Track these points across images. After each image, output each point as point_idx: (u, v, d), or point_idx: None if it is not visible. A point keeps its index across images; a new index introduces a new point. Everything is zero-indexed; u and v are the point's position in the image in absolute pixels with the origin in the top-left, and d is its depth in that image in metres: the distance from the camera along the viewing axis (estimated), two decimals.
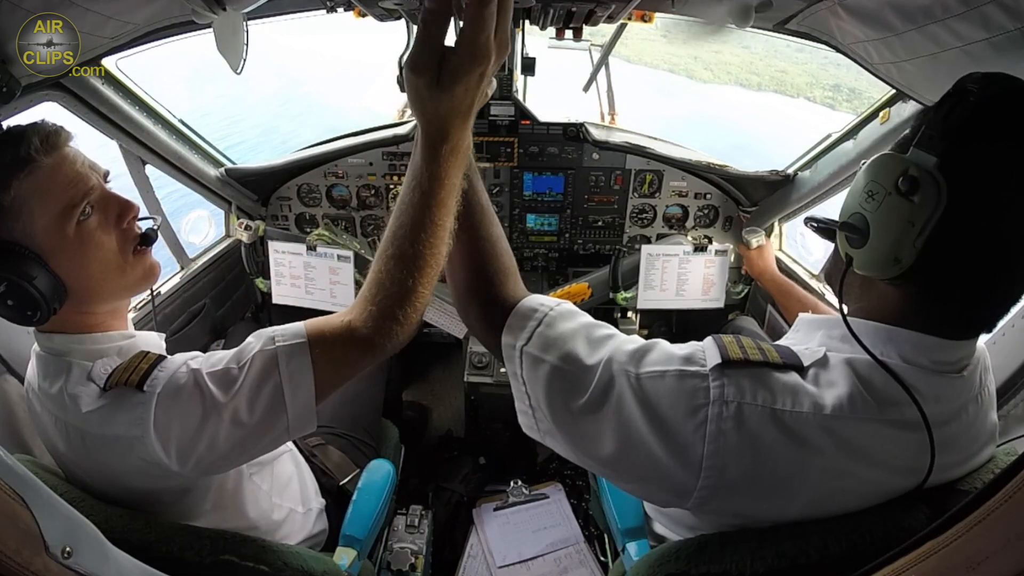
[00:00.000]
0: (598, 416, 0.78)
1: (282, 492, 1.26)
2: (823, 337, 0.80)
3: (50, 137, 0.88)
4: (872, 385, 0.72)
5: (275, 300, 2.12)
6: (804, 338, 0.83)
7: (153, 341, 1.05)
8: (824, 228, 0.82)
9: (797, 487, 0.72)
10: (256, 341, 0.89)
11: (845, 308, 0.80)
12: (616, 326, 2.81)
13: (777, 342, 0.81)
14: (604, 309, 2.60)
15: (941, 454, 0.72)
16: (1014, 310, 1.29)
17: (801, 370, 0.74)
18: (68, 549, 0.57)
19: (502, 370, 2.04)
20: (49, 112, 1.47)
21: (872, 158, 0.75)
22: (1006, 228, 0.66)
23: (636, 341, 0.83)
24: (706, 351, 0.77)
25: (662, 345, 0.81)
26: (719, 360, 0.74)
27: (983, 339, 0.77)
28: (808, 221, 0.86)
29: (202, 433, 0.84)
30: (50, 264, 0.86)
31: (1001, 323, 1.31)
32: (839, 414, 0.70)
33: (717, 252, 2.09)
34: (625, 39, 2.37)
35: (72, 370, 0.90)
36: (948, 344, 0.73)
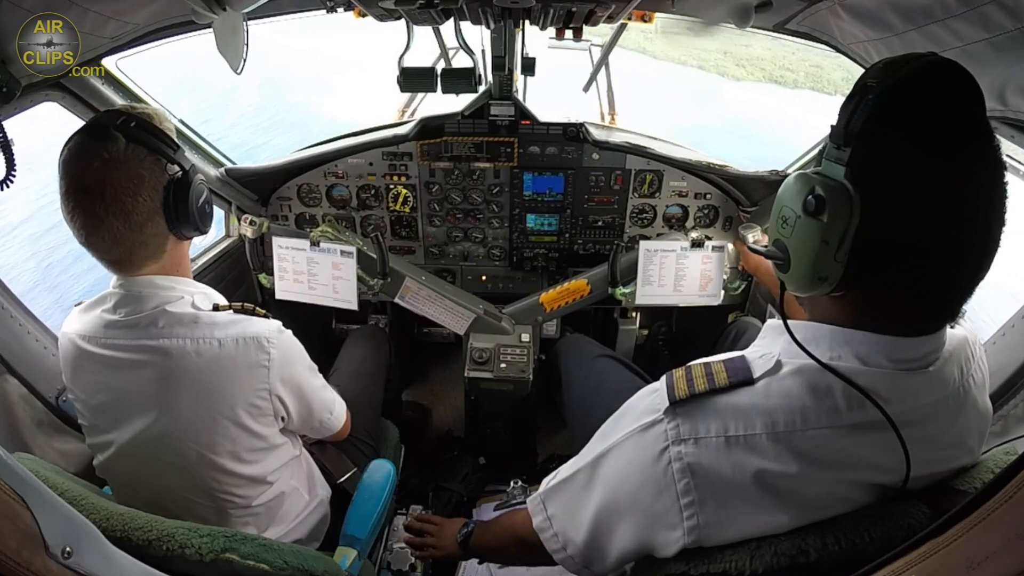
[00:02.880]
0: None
1: (297, 474, 1.34)
2: (785, 343, 0.77)
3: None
4: (827, 391, 0.70)
5: (278, 295, 2.12)
6: (769, 344, 0.82)
7: (220, 299, 1.23)
8: (759, 254, 0.82)
9: (776, 505, 0.72)
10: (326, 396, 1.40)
11: (788, 321, 0.78)
12: (616, 327, 2.79)
13: (737, 352, 0.81)
14: (604, 310, 2.60)
15: (925, 449, 0.71)
16: (1013, 311, 1.30)
17: (751, 383, 0.74)
18: (68, 549, 0.57)
19: (502, 365, 2.04)
20: (49, 112, 1.48)
21: (785, 180, 0.74)
22: (932, 221, 0.63)
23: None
24: (659, 392, 0.80)
25: (623, 412, 0.88)
26: (667, 403, 0.76)
27: (984, 338, 0.76)
28: (747, 248, 0.86)
29: (305, 375, 1.25)
30: None
31: (1001, 323, 1.32)
32: (792, 429, 0.70)
33: (714, 248, 2.09)
34: (649, 36, 2.36)
35: (175, 302, 1.10)
36: (906, 342, 0.71)
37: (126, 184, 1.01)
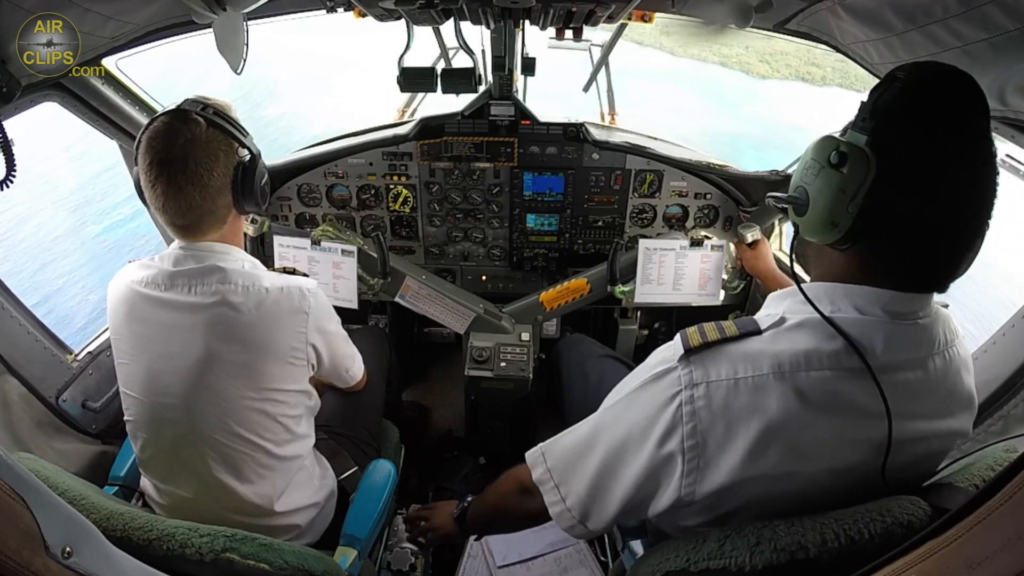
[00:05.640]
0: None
1: (312, 453, 1.44)
2: (788, 304, 0.88)
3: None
4: (829, 337, 0.79)
5: None
6: (773, 308, 0.91)
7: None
8: (780, 200, 0.91)
9: (769, 442, 0.77)
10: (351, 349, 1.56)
11: (804, 274, 0.87)
12: (616, 327, 2.79)
13: (743, 317, 0.90)
14: (604, 309, 2.60)
15: (904, 400, 0.78)
16: (1013, 310, 1.30)
17: (759, 333, 0.83)
18: (68, 549, 0.57)
19: (502, 364, 2.04)
20: (49, 112, 1.48)
21: (814, 141, 0.84)
22: (933, 194, 0.74)
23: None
24: (674, 346, 0.87)
25: (634, 373, 0.94)
26: (683, 351, 0.83)
27: (983, 339, 0.77)
28: (768, 197, 0.95)
29: (335, 326, 1.41)
30: None
31: (1001, 323, 1.32)
32: (796, 369, 0.78)
33: (713, 247, 2.09)
34: (667, 30, 2.35)
35: (231, 262, 1.24)
36: (899, 295, 0.79)
37: (205, 160, 1.16)
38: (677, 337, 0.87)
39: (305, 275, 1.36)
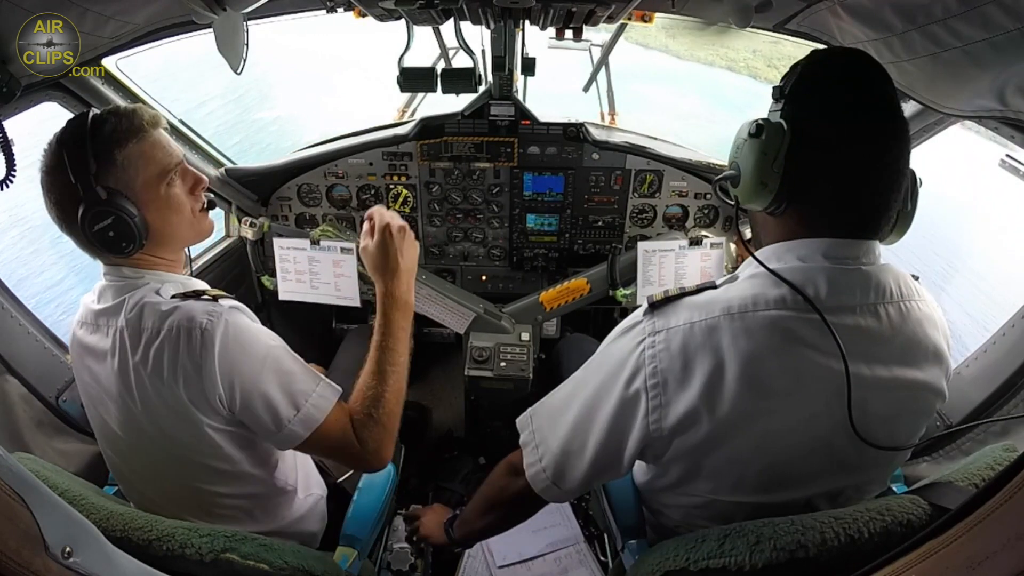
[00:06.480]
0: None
1: (286, 469, 1.31)
2: (746, 269, 0.96)
3: (155, 117, 1.12)
4: (775, 284, 0.87)
5: (282, 296, 2.12)
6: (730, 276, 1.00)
7: (204, 286, 1.20)
8: (721, 179, 0.99)
9: (722, 374, 0.84)
10: (298, 382, 1.12)
11: (751, 240, 1.01)
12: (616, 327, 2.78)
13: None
14: (604, 310, 2.60)
15: (857, 342, 0.84)
16: (1013, 311, 1.30)
17: (714, 287, 0.93)
18: (68, 549, 0.57)
19: (502, 364, 2.04)
20: (49, 112, 1.48)
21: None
22: (840, 148, 0.85)
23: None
24: (642, 307, 0.96)
25: (610, 335, 1.01)
26: (647, 306, 0.94)
27: (983, 339, 0.77)
28: (714, 182, 1.04)
29: (258, 371, 1.07)
30: (142, 212, 1.08)
31: (1000, 323, 1.32)
32: (745, 310, 0.86)
33: (713, 246, 2.09)
34: (674, 32, 2.35)
35: (140, 288, 1.10)
36: (837, 242, 0.88)
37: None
38: (644, 301, 0.97)
39: (214, 298, 1.09)
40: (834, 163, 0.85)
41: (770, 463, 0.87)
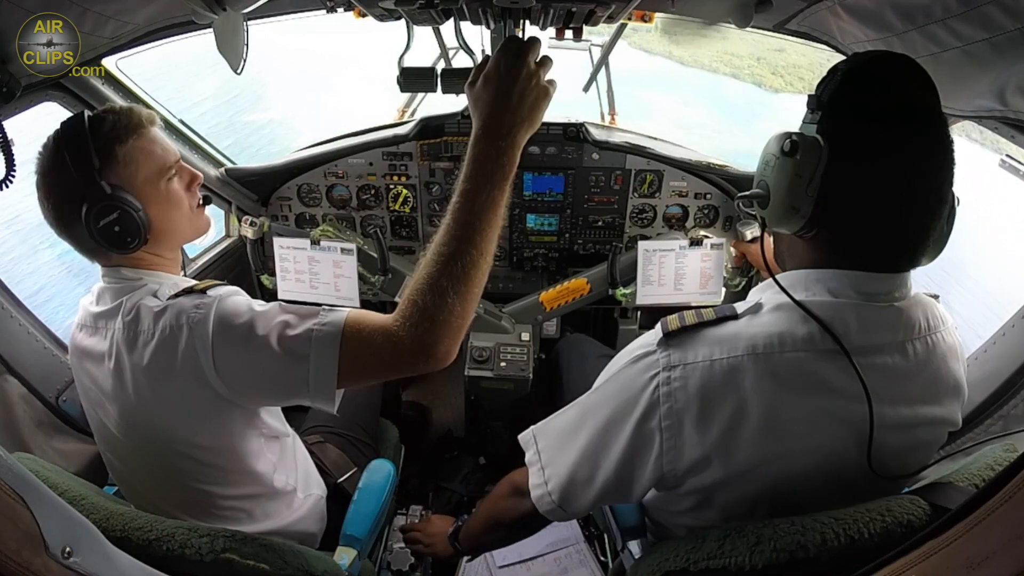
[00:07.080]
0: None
1: (286, 468, 1.31)
2: (768, 294, 0.89)
3: (151, 115, 1.13)
4: (803, 321, 0.81)
5: (281, 296, 2.12)
6: (752, 299, 0.92)
7: (194, 282, 1.16)
8: (746, 197, 0.92)
9: (743, 420, 0.79)
10: (297, 322, 0.98)
11: (775, 265, 0.92)
12: (616, 327, 2.79)
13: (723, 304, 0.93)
14: (604, 310, 2.60)
15: (883, 383, 0.79)
16: (1013, 310, 1.30)
17: (736, 318, 0.85)
18: (68, 549, 0.57)
19: (502, 364, 2.04)
20: (49, 112, 1.47)
21: (769, 138, 0.87)
22: (881, 173, 0.77)
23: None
24: (655, 331, 0.89)
25: (618, 357, 0.96)
26: (662, 335, 0.86)
27: (983, 339, 0.77)
28: (737, 199, 0.96)
29: (249, 343, 0.98)
30: (144, 208, 1.08)
31: (1000, 323, 1.32)
32: (771, 350, 0.79)
33: (713, 246, 2.09)
34: (678, 39, 2.35)
35: (138, 290, 1.09)
36: (870, 276, 0.81)
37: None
38: (658, 324, 0.89)
39: (203, 290, 1.04)
40: (874, 189, 0.78)
41: (783, 498, 0.84)
